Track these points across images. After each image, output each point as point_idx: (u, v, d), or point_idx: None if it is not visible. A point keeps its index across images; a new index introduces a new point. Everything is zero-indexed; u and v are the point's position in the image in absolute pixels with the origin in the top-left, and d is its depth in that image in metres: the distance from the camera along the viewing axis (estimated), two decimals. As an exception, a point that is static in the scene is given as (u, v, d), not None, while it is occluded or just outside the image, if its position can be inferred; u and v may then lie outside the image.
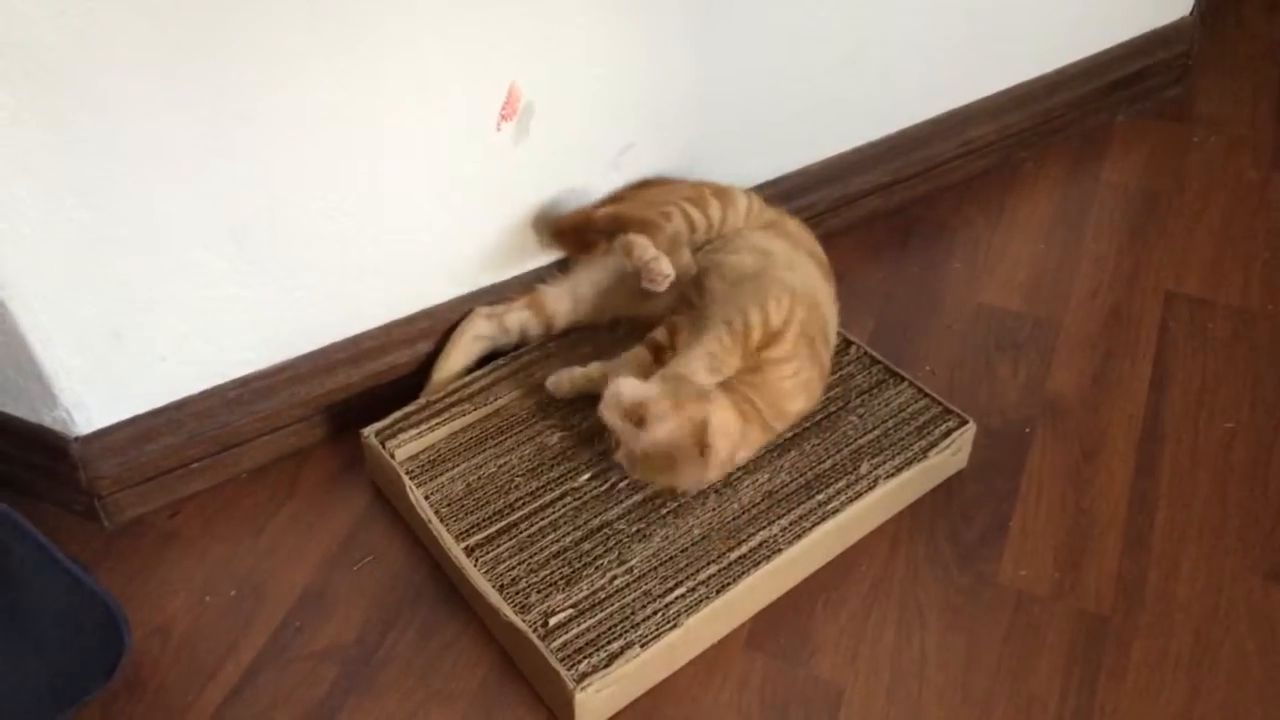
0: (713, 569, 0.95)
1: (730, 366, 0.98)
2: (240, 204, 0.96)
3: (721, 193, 1.11)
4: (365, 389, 1.13)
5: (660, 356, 1.05)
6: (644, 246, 1.03)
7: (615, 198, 1.16)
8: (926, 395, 1.09)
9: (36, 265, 0.90)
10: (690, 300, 1.07)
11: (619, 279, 1.12)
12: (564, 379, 1.08)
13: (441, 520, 1.00)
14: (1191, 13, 1.53)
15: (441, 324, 1.15)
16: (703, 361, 0.97)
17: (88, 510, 1.05)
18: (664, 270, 1.02)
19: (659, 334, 1.07)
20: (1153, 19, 1.50)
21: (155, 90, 0.87)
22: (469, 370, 1.13)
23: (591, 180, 1.16)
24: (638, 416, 0.94)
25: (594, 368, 1.07)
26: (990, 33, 1.34)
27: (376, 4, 0.92)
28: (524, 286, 1.16)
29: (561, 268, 1.17)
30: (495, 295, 1.16)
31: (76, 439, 1.01)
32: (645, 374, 1.00)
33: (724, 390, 0.98)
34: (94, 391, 0.99)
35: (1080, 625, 0.97)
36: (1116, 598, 0.99)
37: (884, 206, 1.38)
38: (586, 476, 1.03)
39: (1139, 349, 1.22)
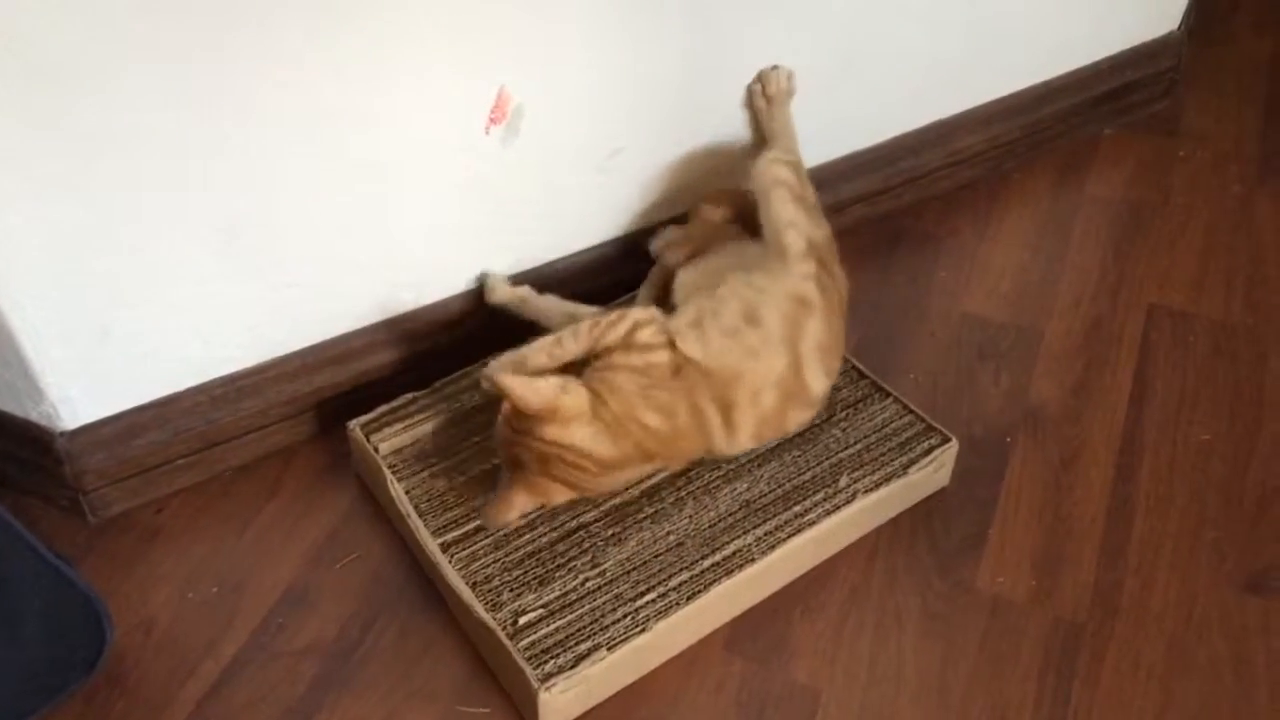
0: (685, 576, 0.96)
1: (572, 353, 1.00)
2: (230, 201, 0.97)
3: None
4: (352, 388, 1.14)
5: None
6: None
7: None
8: (911, 412, 1.09)
9: (25, 259, 0.90)
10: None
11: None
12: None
13: (420, 515, 1.00)
14: (1179, 28, 1.54)
15: (428, 324, 1.15)
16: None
17: (72, 505, 1.06)
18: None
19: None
20: (1141, 33, 1.51)
21: (148, 88, 0.87)
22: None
23: (580, 183, 1.17)
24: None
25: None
26: (979, 45, 1.35)
27: (368, 6, 0.93)
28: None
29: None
30: (483, 298, 1.16)
31: (62, 434, 1.02)
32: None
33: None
34: (80, 386, 1.00)
35: (1056, 632, 0.98)
36: (1092, 606, 1.00)
37: (872, 214, 1.39)
38: (568, 479, 1.04)
39: (1120, 360, 1.23)
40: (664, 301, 1.07)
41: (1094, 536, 1.06)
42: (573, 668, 0.89)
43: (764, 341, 0.99)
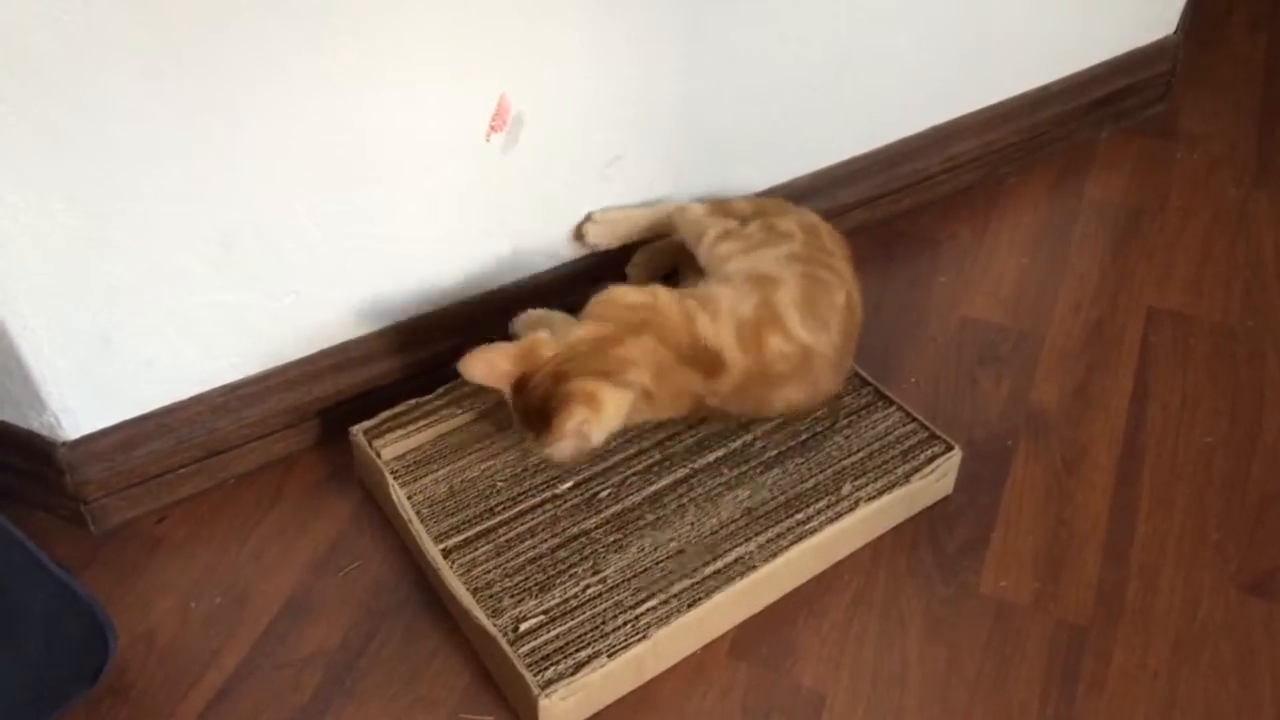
0: (686, 583, 0.96)
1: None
2: (229, 210, 0.97)
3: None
4: (353, 396, 1.13)
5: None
6: None
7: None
8: (914, 420, 1.09)
9: (25, 269, 0.90)
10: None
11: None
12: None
13: (422, 521, 1.00)
14: (1175, 32, 1.54)
15: (428, 332, 1.15)
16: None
17: (74, 515, 1.05)
18: None
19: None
20: (1137, 38, 1.51)
21: (145, 96, 0.87)
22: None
23: (580, 191, 1.17)
24: None
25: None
26: (976, 49, 1.36)
27: (366, 15, 0.93)
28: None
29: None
30: (482, 305, 1.17)
31: (63, 444, 1.01)
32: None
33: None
34: (81, 396, 1.00)
35: (1060, 635, 0.98)
36: (1096, 609, 1.00)
37: (870, 219, 1.40)
38: (568, 485, 1.04)
39: (1121, 363, 1.23)
40: None
41: (1097, 539, 1.06)
42: (573, 675, 0.89)
43: (734, 291, 1.04)
